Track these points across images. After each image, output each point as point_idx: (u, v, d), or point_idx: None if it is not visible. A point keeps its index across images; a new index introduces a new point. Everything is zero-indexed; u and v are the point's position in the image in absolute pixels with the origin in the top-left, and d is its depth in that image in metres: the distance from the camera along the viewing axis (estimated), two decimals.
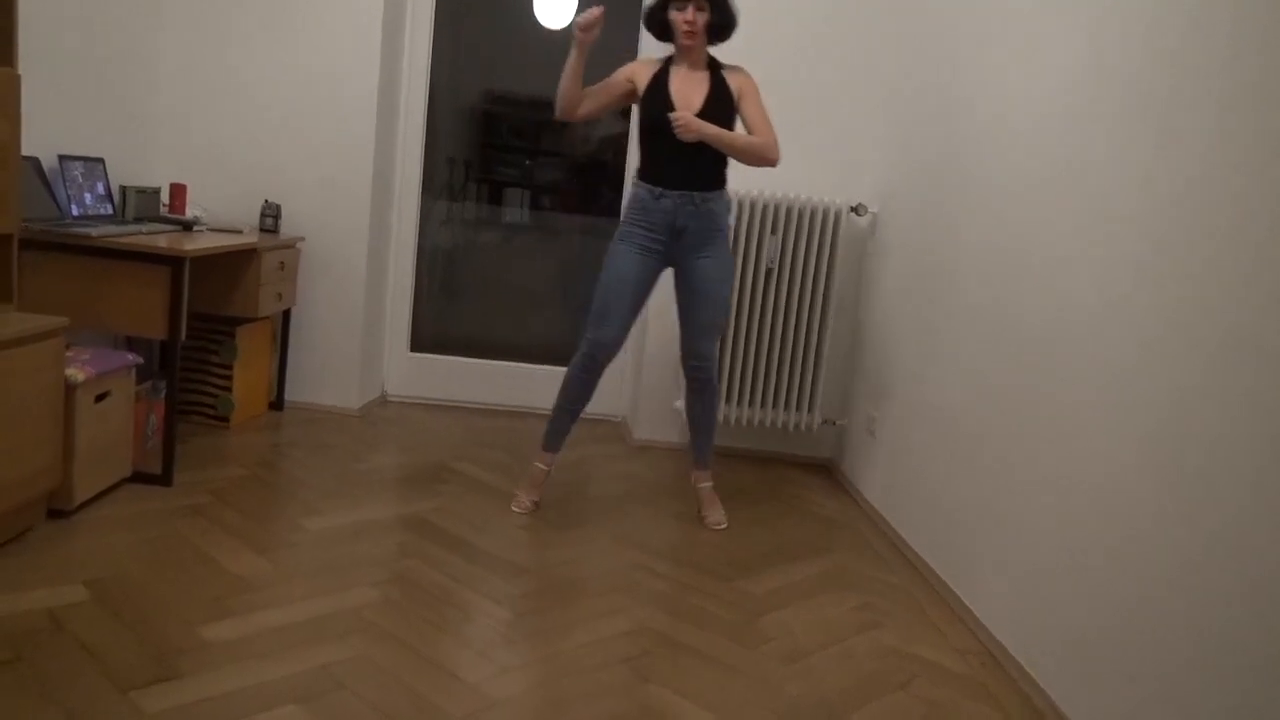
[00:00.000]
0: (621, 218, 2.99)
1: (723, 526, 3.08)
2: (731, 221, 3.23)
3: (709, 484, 3.16)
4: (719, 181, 2.92)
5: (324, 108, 3.74)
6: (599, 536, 2.90)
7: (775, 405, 3.81)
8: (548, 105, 2.95)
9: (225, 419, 3.55)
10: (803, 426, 3.83)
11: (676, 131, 2.74)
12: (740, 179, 3.77)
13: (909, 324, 3.22)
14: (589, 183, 4.37)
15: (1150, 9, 2.00)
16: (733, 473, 3.72)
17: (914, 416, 3.09)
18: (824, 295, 3.74)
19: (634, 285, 2.92)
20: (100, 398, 2.67)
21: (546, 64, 3.12)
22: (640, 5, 3.93)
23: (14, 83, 2.32)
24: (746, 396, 3.79)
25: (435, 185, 4.26)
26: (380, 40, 3.71)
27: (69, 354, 2.65)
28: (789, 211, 3.67)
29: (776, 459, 3.99)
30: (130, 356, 2.82)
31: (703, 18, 2.81)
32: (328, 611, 2.21)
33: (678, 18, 2.82)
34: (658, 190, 2.88)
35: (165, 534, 2.54)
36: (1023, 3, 2.61)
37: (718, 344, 3.06)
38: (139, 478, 2.89)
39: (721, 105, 2.86)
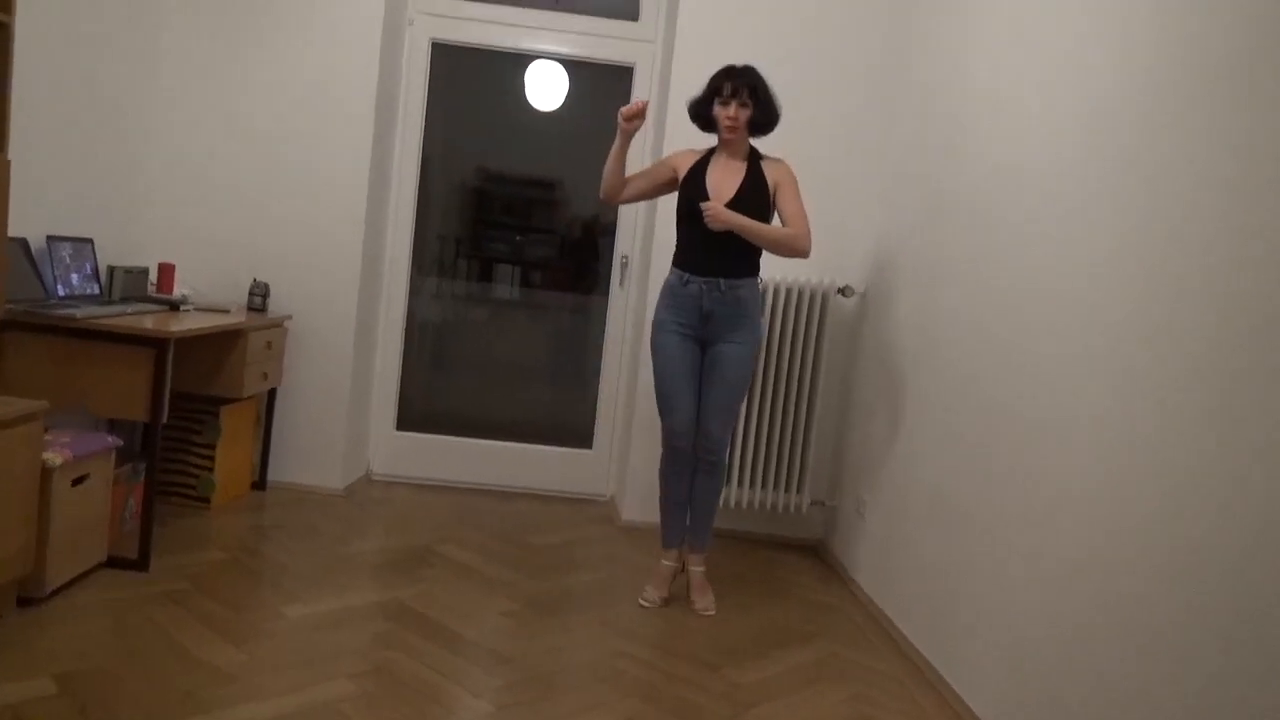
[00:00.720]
0: (659, 300, 3.06)
1: (711, 613, 3.03)
2: (765, 312, 3.26)
3: (701, 568, 3.12)
4: (748, 270, 2.97)
5: (315, 186, 3.77)
6: (584, 623, 2.84)
7: (764, 486, 3.78)
8: (539, 184, 3.00)
9: (206, 500, 3.50)
10: (792, 508, 3.79)
11: (706, 220, 2.82)
12: None
13: (897, 404, 3.22)
14: (580, 260, 4.39)
15: (1140, 66, 2.04)
16: (721, 554, 3.67)
17: (903, 498, 3.06)
18: (812, 376, 3.74)
19: (685, 367, 3.00)
20: (78, 481, 2.62)
21: (538, 143, 3.18)
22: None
23: (3, 169, 2.33)
24: (735, 477, 3.75)
25: (425, 261, 4.28)
26: (373, 120, 3.76)
27: (48, 437, 2.61)
28: (776, 293, 3.69)
29: (765, 540, 3.94)
30: (110, 439, 2.78)
31: (745, 114, 2.92)
32: (303, 706, 2.14)
33: (721, 113, 2.93)
34: (686, 276, 2.96)
35: (139, 623, 2.48)
36: (1005, 83, 2.67)
37: (729, 428, 3.05)
38: (115, 562, 2.83)
39: (755, 195, 2.93)
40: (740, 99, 2.91)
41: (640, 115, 2.86)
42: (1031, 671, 2.16)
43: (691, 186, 2.96)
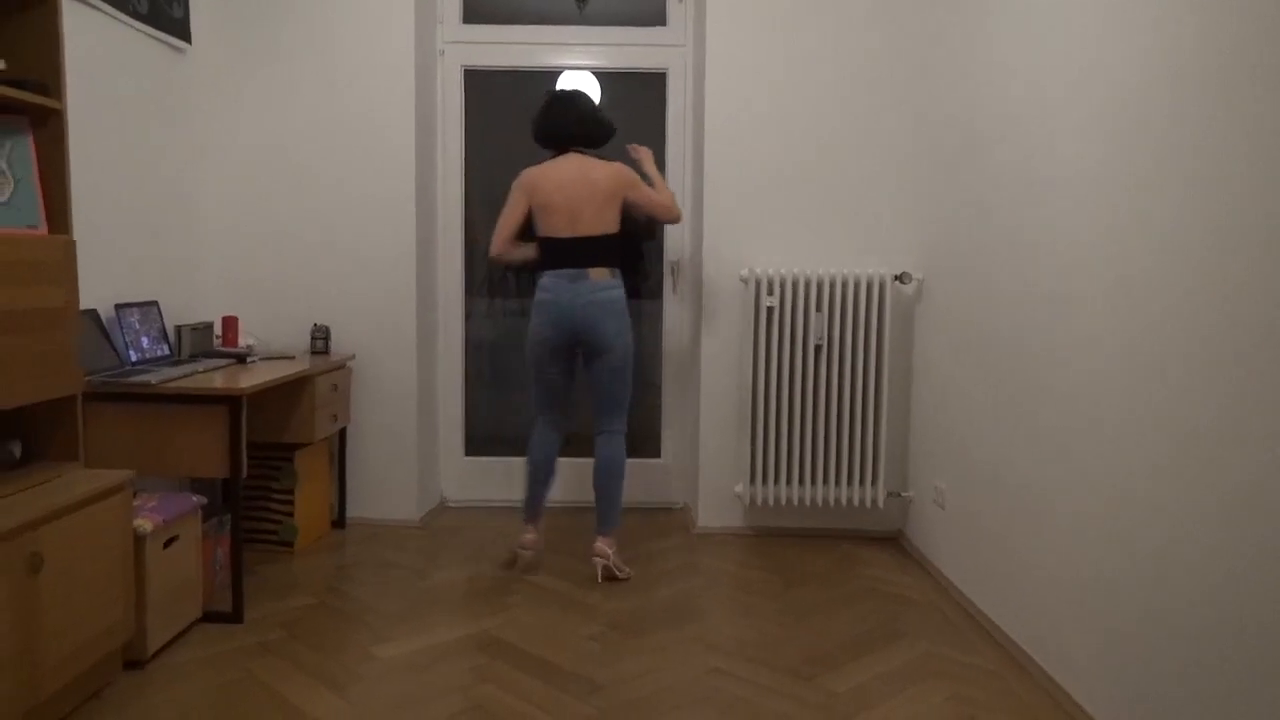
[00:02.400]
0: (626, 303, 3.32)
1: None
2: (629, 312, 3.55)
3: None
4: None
5: (363, 224, 3.82)
6: (672, 641, 2.83)
7: (839, 482, 3.74)
8: None
9: (290, 544, 3.56)
10: (868, 502, 3.75)
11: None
12: (780, 256, 3.77)
13: (966, 388, 3.16)
14: (629, 264, 4.37)
15: (1192, 42, 1.97)
16: (801, 555, 3.64)
17: (982, 483, 3.00)
18: (877, 366, 3.69)
19: None
20: (169, 543, 2.69)
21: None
22: None
23: (70, 249, 2.39)
24: (808, 475, 3.72)
25: (474, 282, 4.31)
26: (414, 153, 3.80)
27: (136, 502, 2.68)
28: (833, 286, 3.65)
29: (842, 536, 3.90)
30: (195, 499, 2.84)
31: None
32: None
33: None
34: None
35: (241, 677, 2.53)
36: (1055, 51, 2.59)
37: (620, 409, 3.35)
38: (210, 616, 2.90)
39: None
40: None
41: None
42: (1133, 658, 2.10)
43: None
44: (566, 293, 3.17)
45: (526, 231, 3.34)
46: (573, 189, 3.19)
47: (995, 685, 2.56)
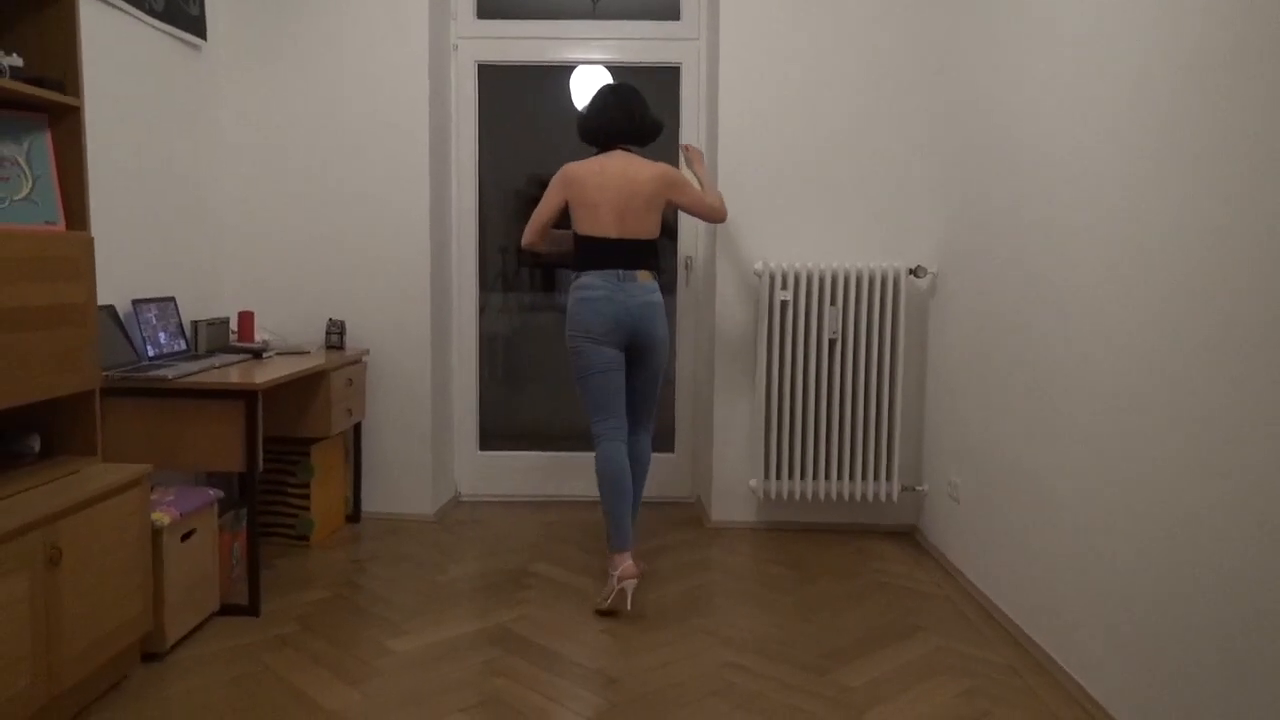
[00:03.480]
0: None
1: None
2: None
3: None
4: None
5: (378, 219, 3.83)
6: (686, 635, 2.84)
7: (852, 476, 3.74)
8: None
9: (306, 538, 3.59)
10: (882, 496, 3.74)
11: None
12: (794, 250, 3.76)
13: (980, 382, 3.14)
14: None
15: (1197, 36, 1.95)
16: (815, 550, 3.64)
17: (996, 478, 2.99)
18: (891, 360, 3.68)
19: None
20: (186, 536, 2.71)
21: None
22: None
23: (88, 246, 2.41)
24: (822, 470, 3.72)
25: (489, 276, 4.32)
26: (428, 147, 3.80)
27: (153, 496, 2.70)
28: (847, 280, 3.64)
29: (856, 530, 3.89)
30: (211, 493, 2.86)
31: None
32: None
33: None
34: None
35: (257, 670, 2.55)
36: (1072, 42, 2.58)
37: (651, 410, 3.35)
38: (228, 610, 2.92)
39: None
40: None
41: None
42: (1151, 654, 2.09)
43: None
44: (620, 292, 3.08)
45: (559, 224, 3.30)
46: (619, 188, 3.09)
47: (1010, 681, 2.55)
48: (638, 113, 3.16)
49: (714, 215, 3.23)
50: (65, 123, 2.43)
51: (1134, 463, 2.19)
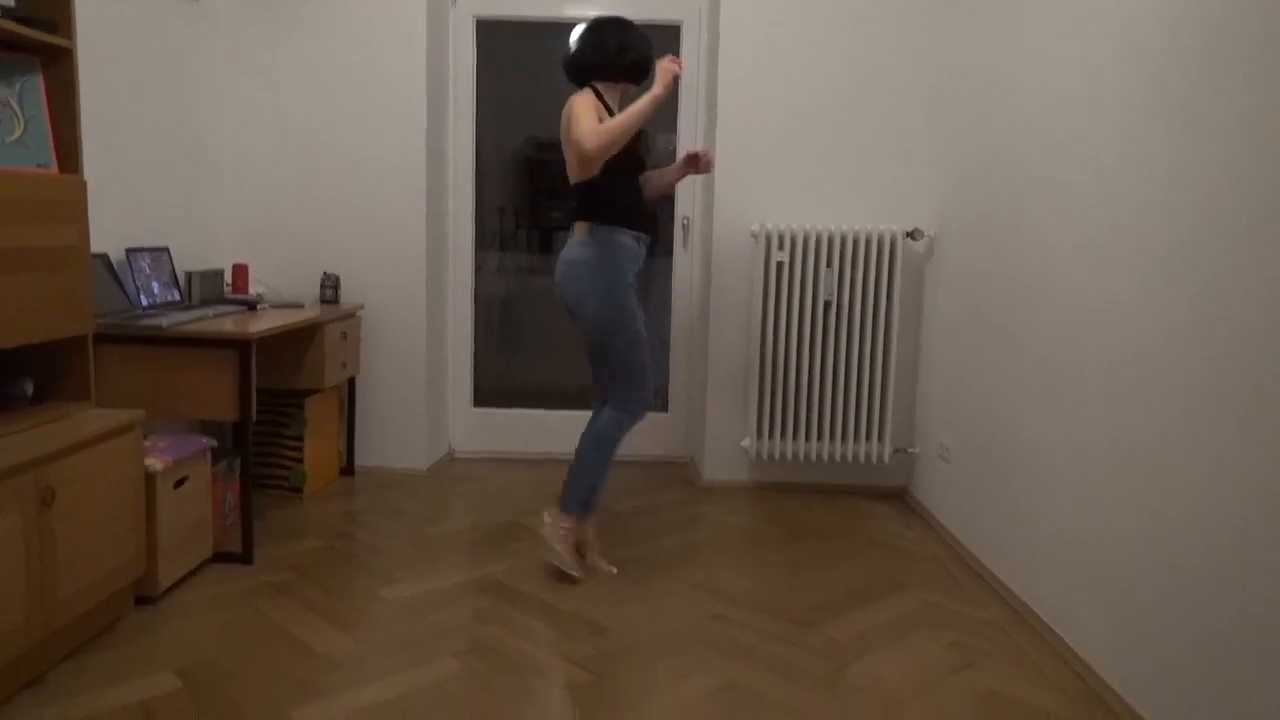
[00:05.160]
0: (608, 263, 2.81)
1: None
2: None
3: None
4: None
5: (374, 174, 3.81)
6: (676, 587, 2.86)
7: (845, 438, 3.75)
8: None
9: (299, 489, 3.60)
10: (874, 457, 3.76)
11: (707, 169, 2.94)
12: (792, 212, 3.75)
13: (975, 346, 3.15)
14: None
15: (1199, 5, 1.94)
16: (805, 509, 3.66)
17: (988, 440, 3.01)
18: (885, 323, 3.68)
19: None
20: (179, 483, 2.72)
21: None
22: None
23: (81, 189, 2.40)
24: (815, 430, 3.73)
25: (486, 236, 4.30)
26: (425, 102, 3.78)
27: (146, 443, 2.71)
28: (843, 242, 3.63)
29: (847, 491, 3.92)
30: (204, 440, 2.87)
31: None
32: (412, 688, 2.21)
33: (669, 66, 2.75)
34: (634, 233, 2.86)
35: (250, 615, 2.57)
36: (1074, 7, 2.56)
37: (618, 383, 2.88)
38: (221, 557, 2.94)
39: None
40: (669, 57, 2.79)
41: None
42: (1136, 612, 2.12)
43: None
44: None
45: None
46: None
47: (996, 636, 2.58)
48: (611, 46, 2.83)
49: (575, 149, 2.71)
50: (58, 65, 2.41)
51: (1128, 428, 2.20)
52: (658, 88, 2.70)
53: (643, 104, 2.68)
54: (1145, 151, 2.15)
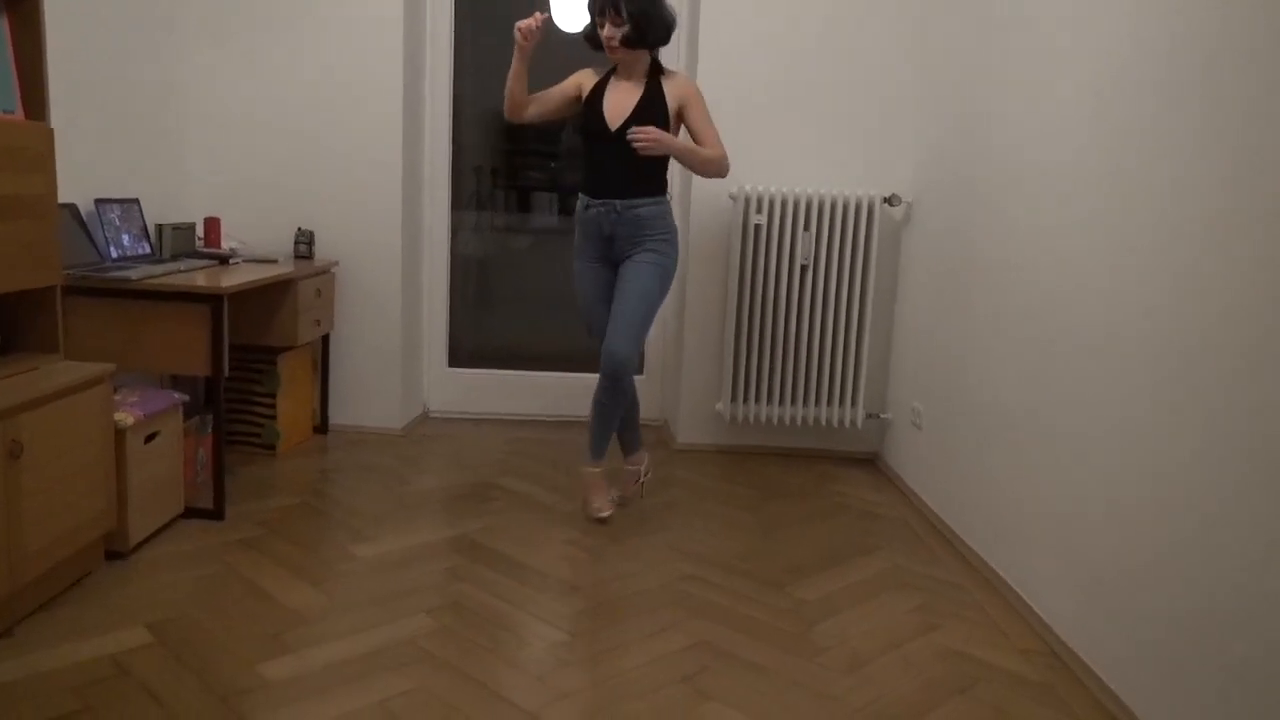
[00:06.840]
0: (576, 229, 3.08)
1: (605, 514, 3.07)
2: (674, 226, 3.06)
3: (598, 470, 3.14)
4: (647, 190, 2.95)
5: (349, 130, 3.76)
6: (649, 548, 2.89)
7: (818, 402, 3.78)
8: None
9: (272, 447, 3.59)
10: (846, 422, 3.79)
11: (638, 147, 2.77)
12: (771, 175, 3.74)
13: (949, 313, 3.17)
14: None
15: None
16: (778, 472, 3.69)
17: (960, 407, 3.04)
18: (861, 288, 3.70)
19: (596, 293, 3.05)
20: (150, 438, 2.70)
21: (567, 66, 3.14)
22: None
23: (48, 137, 2.35)
24: (788, 395, 3.76)
25: (463, 195, 4.27)
26: (402, 58, 3.72)
27: (116, 397, 2.68)
28: (821, 206, 3.63)
29: (821, 455, 3.95)
30: (176, 396, 2.85)
31: (619, 31, 2.85)
32: (383, 643, 2.22)
33: (601, 34, 2.90)
34: (586, 200, 2.99)
35: (221, 570, 2.57)
36: None
37: (633, 343, 2.90)
38: (192, 513, 2.93)
39: (651, 114, 2.89)
40: (609, 17, 2.84)
41: (537, 31, 2.82)
42: (1097, 578, 2.16)
43: (589, 110, 2.95)
44: None
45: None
46: None
47: (961, 598, 2.63)
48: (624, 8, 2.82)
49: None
50: (23, 7, 2.34)
51: (1097, 398, 2.23)
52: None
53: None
54: (1121, 120, 2.15)
